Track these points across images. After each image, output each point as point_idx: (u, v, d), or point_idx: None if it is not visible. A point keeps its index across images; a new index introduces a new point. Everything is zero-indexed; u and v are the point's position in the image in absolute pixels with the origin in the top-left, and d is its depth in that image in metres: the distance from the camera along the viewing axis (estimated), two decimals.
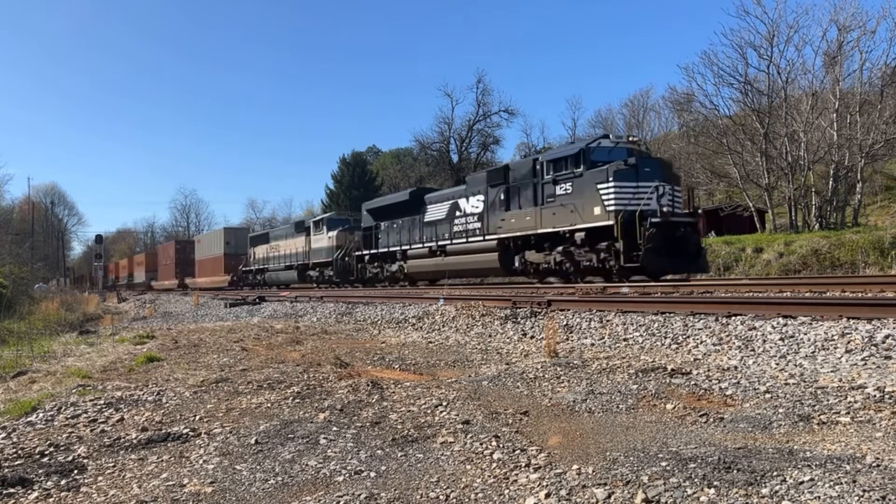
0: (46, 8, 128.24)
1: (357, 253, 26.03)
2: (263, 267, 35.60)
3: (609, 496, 2.87)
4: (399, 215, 23.81)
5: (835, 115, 28.50)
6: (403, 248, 23.05)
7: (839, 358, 5.64)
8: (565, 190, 15.82)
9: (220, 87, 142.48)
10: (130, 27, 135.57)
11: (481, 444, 3.79)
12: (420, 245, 22.08)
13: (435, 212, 21.99)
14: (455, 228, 20.52)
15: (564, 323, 8.93)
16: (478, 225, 19.36)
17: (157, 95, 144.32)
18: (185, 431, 4.38)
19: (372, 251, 25.20)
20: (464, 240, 19.84)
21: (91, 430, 4.60)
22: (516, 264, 17.66)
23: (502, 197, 18.15)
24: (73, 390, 6.11)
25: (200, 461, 3.73)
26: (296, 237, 31.89)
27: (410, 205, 23.24)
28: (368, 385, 5.60)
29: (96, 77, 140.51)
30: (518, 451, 3.60)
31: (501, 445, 3.72)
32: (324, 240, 28.89)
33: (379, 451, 3.78)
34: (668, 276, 16.09)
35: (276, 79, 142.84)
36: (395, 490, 3.11)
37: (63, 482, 3.46)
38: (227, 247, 41.09)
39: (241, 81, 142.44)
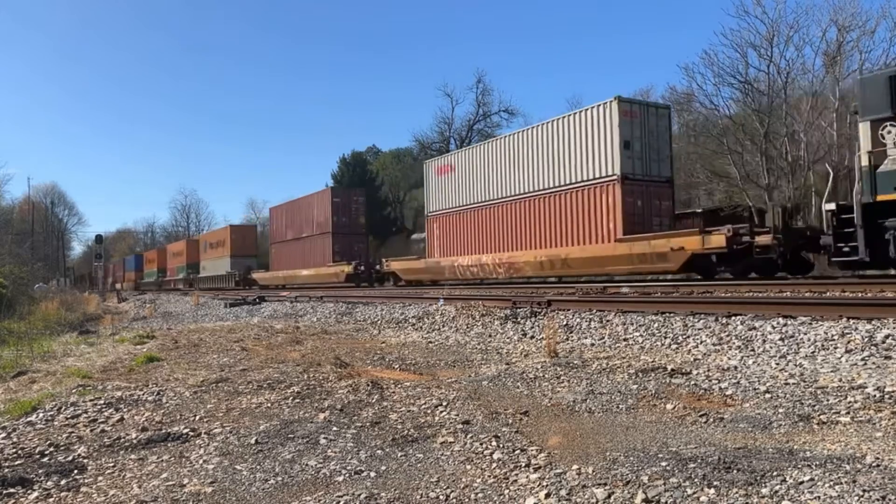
0: None
1: None
2: None
3: (609, 496, 2.87)
4: None
5: (835, 115, 28.48)
6: None
7: (839, 358, 5.64)
8: None
9: (219, 89, 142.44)
10: (130, 17, 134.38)
11: (481, 444, 3.79)
12: None
13: None
14: None
15: (564, 323, 8.93)
16: None
17: (156, 90, 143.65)
18: (185, 431, 4.38)
19: None
20: None
21: (91, 430, 4.60)
22: None
23: None
24: (73, 390, 6.11)
25: (200, 461, 3.73)
26: None
27: None
28: (368, 385, 5.60)
29: (98, 69, 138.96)
30: (518, 451, 3.60)
31: (501, 445, 3.72)
32: None
33: (379, 451, 3.78)
34: (668, 276, 16.16)
35: (275, 80, 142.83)
36: (395, 490, 3.11)
37: (63, 482, 3.46)
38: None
39: (239, 83, 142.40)
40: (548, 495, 2.93)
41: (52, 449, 4.14)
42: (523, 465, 3.38)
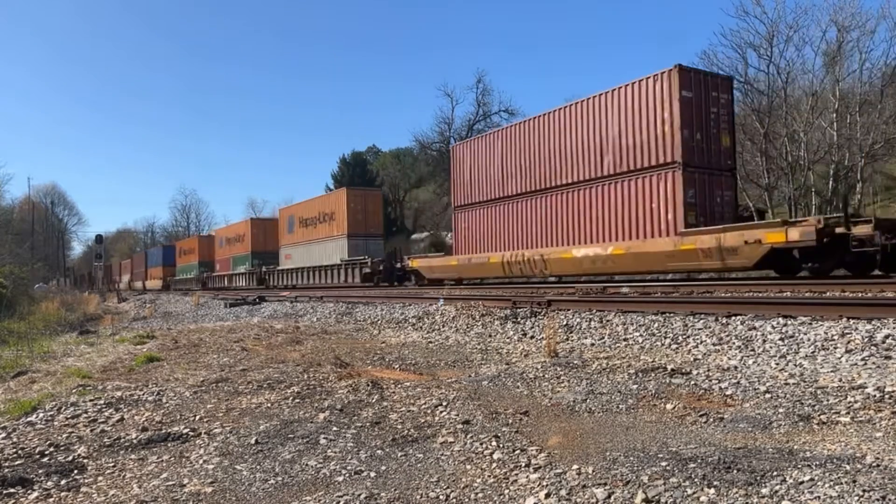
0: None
1: None
2: None
3: (609, 496, 2.87)
4: None
5: (835, 115, 28.53)
6: None
7: (839, 358, 5.64)
8: None
9: (219, 89, 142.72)
10: (132, 17, 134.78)
11: (481, 444, 3.79)
12: None
13: None
14: None
15: (564, 323, 8.92)
16: None
17: (157, 91, 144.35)
18: (185, 431, 4.38)
19: None
20: None
21: (91, 430, 4.60)
22: None
23: None
24: (73, 390, 6.11)
25: (200, 461, 3.73)
26: None
27: None
28: (368, 385, 5.60)
29: (97, 70, 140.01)
30: (518, 451, 3.60)
31: (501, 445, 3.72)
32: None
33: (379, 451, 3.78)
34: (669, 276, 16.23)
35: (275, 81, 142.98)
36: (395, 490, 3.11)
37: (63, 482, 3.47)
38: None
39: (239, 83, 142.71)
40: (548, 495, 2.92)
41: (52, 449, 4.14)
42: (523, 465, 3.38)
